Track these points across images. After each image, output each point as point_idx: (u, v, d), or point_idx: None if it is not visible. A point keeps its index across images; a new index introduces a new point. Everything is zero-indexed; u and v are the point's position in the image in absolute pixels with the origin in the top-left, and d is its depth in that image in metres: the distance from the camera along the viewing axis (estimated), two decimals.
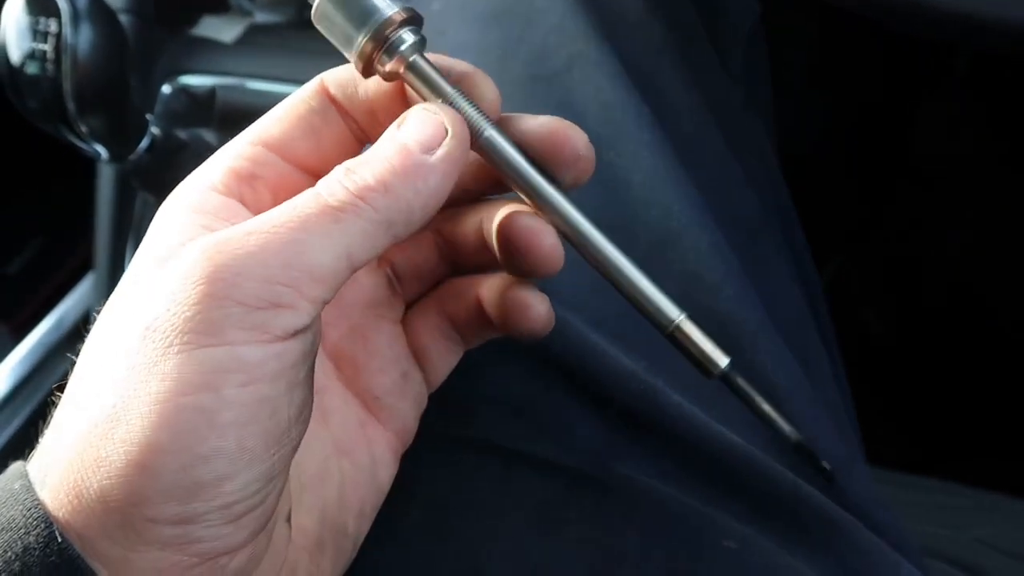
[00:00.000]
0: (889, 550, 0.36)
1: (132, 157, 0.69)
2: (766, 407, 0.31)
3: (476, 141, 0.30)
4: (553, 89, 0.43)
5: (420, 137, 0.28)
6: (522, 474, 0.34)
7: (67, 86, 0.61)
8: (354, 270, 0.26)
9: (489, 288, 0.33)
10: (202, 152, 0.74)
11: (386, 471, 0.33)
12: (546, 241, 0.30)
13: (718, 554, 0.33)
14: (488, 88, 0.30)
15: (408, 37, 0.29)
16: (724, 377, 0.30)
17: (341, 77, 0.30)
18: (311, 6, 0.29)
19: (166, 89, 0.78)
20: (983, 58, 0.95)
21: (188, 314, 0.24)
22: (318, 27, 0.29)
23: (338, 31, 0.29)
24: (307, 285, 0.25)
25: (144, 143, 0.69)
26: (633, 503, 0.34)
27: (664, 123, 0.43)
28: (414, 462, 0.35)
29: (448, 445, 0.35)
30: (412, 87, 0.30)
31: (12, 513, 0.24)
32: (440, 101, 0.29)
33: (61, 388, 0.28)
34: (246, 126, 0.31)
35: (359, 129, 0.31)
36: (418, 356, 0.34)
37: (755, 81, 0.61)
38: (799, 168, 0.70)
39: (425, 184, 0.27)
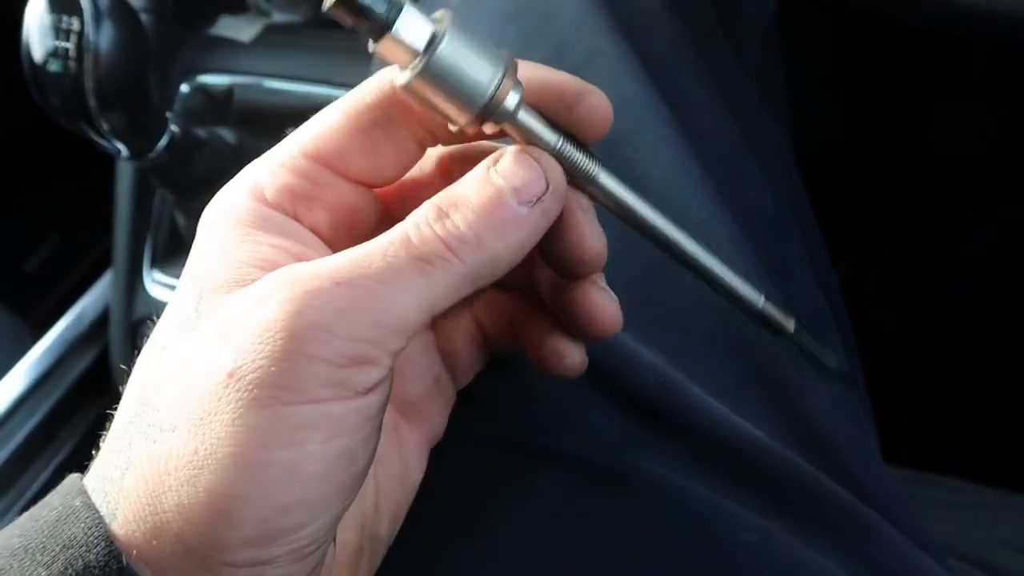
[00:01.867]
0: (910, 544, 0.36)
1: (151, 154, 0.69)
2: (829, 358, 0.37)
3: (588, 188, 0.29)
4: None
5: (518, 184, 0.26)
6: (543, 469, 0.34)
7: (88, 84, 0.61)
8: (435, 317, 0.26)
9: (527, 319, 0.32)
10: (220, 150, 0.75)
11: (417, 472, 0.33)
12: (610, 314, 0.31)
13: (738, 547, 0.33)
14: (600, 111, 0.28)
15: (514, 97, 0.26)
16: (793, 337, 0.35)
17: None
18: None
19: (185, 88, 0.79)
20: (1000, 57, 0.94)
21: (275, 369, 0.24)
22: (412, 92, 0.26)
23: (436, 105, 0.26)
24: (390, 340, 0.25)
25: (163, 141, 0.69)
26: (653, 496, 0.34)
27: (682, 119, 0.43)
28: (436, 457, 0.35)
29: (470, 440, 0.35)
30: (516, 138, 0.28)
31: (74, 531, 0.24)
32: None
33: (114, 405, 0.27)
34: (263, 124, 0.30)
35: (423, 131, 0.29)
36: (448, 359, 0.34)
37: (771, 78, 0.61)
38: (815, 167, 0.69)
39: (516, 238, 0.26)
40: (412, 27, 0.25)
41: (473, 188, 0.26)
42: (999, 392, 0.91)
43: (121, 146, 0.66)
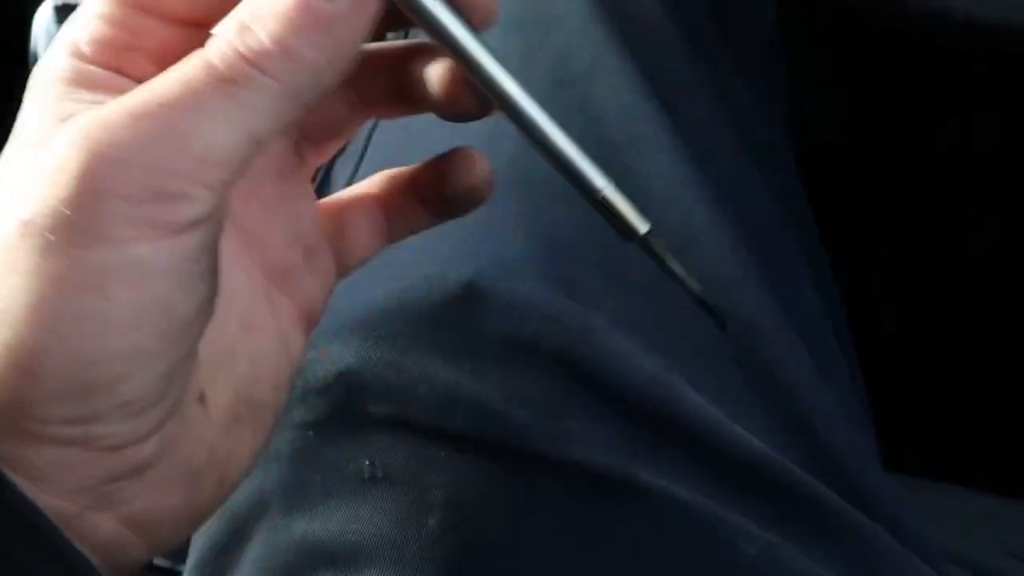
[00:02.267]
0: (909, 554, 0.36)
1: None
2: (679, 269, 0.31)
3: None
4: (574, 94, 0.43)
5: None
6: (542, 478, 0.35)
7: None
8: (261, 146, 0.24)
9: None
10: None
11: (296, 343, 0.31)
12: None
13: (738, 557, 0.33)
14: None
15: None
16: (643, 241, 0.30)
17: None
18: None
19: None
20: (1002, 61, 0.95)
21: (67, 211, 0.22)
22: None
23: None
24: (201, 171, 0.23)
25: None
26: (652, 507, 0.34)
27: (682, 127, 0.43)
28: (433, 462, 0.35)
29: (467, 446, 0.35)
30: None
31: None
32: None
33: None
34: None
35: None
36: (334, 232, 0.32)
37: (772, 85, 0.62)
38: (817, 170, 0.69)
39: (331, 41, 0.23)
40: None
41: None
42: (1001, 395, 0.91)
43: None
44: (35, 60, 0.62)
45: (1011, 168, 0.99)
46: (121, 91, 0.25)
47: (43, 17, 0.62)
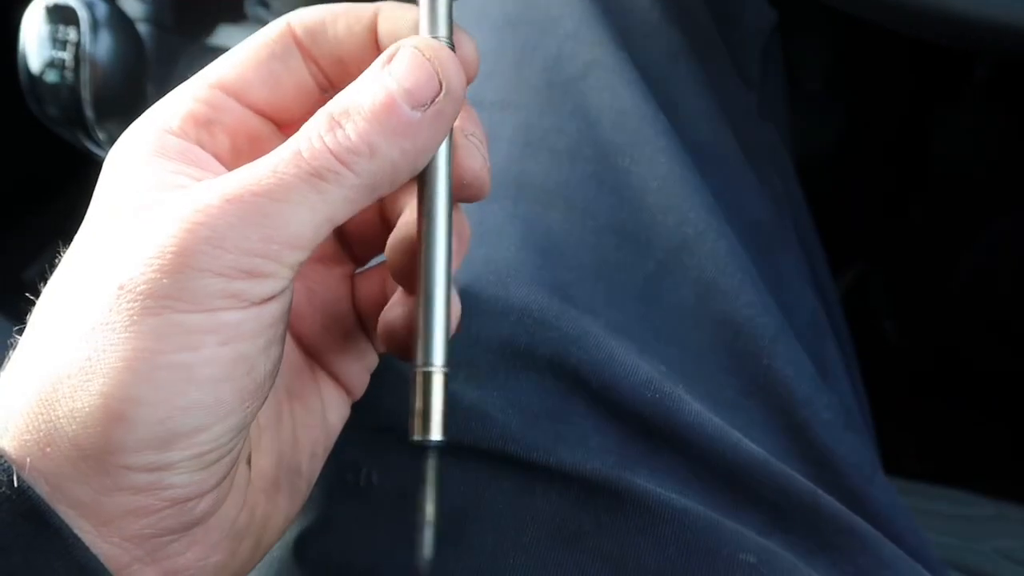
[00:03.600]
0: (909, 560, 0.35)
1: None
2: (429, 507, 0.29)
3: None
4: (569, 95, 0.43)
5: (409, 86, 0.25)
6: (538, 485, 0.34)
7: (86, 94, 0.61)
8: (333, 228, 0.26)
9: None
10: None
11: (336, 414, 0.33)
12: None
13: (736, 567, 0.32)
14: (469, 49, 0.29)
15: None
16: (420, 446, 0.28)
17: (309, 20, 0.29)
18: None
19: None
20: (1004, 63, 0.94)
21: (166, 281, 0.24)
22: None
23: None
24: (284, 254, 0.25)
25: None
26: (649, 514, 0.33)
27: (679, 129, 0.43)
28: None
29: (463, 455, 0.35)
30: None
31: None
32: (438, 35, 0.27)
33: (21, 331, 0.28)
34: None
35: (323, 76, 0.30)
36: (363, 320, 0.34)
37: (771, 88, 0.61)
38: (818, 175, 0.69)
39: (413, 145, 0.26)
40: None
41: (365, 92, 0.26)
42: (1005, 404, 0.91)
43: None
44: (23, 60, 0.62)
45: (1013, 169, 0.99)
46: (198, 163, 0.27)
47: (33, 17, 0.62)
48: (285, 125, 0.31)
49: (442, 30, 0.27)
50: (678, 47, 0.47)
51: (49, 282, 0.28)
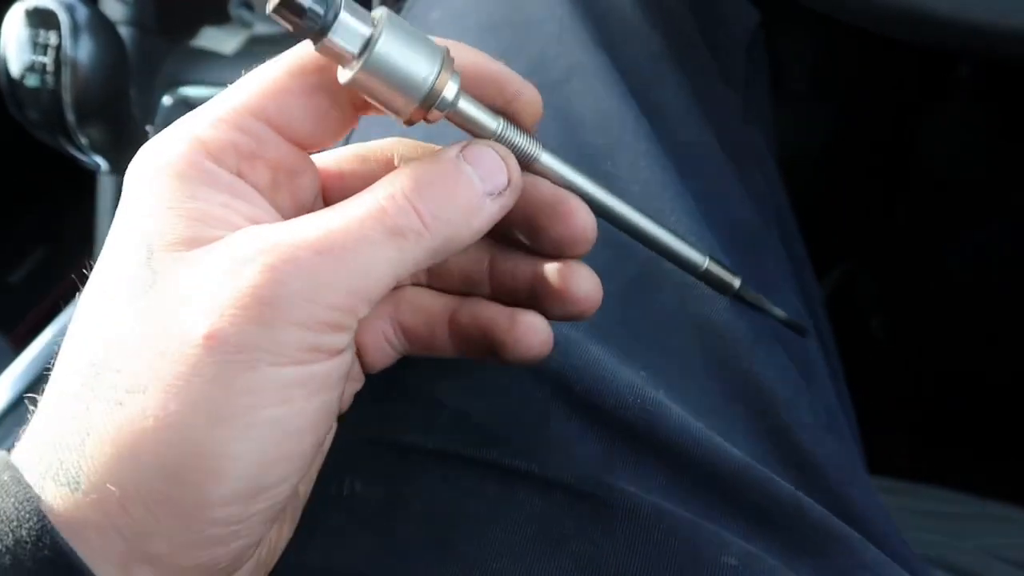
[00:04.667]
0: (892, 564, 0.35)
1: None
2: (776, 311, 0.40)
3: (532, 166, 0.31)
4: (552, 99, 0.42)
5: (484, 174, 0.28)
6: (521, 490, 0.34)
7: (67, 98, 0.61)
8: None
9: (471, 311, 0.32)
10: None
11: (328, 441, 0.33)
12: (596, 286, 0.32)
13: (718, 571, 0.32)
14: (533, 102, 0.30)
15: (453, 88, 0.28)
16: (738, 293, 0.37)
17: None
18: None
19: (167, 100, 0.79)
20: (985, 63, 0.95)
21: (258, 332, 0.24)
22: (356, 87, 0.27)
23: (379, 97, 0.27)
24: (361, 307, 0.26)
25: None
26: (632, 519, 0.33)
27: (662, 133, 0.43)
28: (411, 477, 0.35)
29: (446, 461, 0.35)
30: (460, 126, 0.30)
31: (3, 505, 0.24)
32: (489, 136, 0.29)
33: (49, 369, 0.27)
34: None
35: (368, 106, 0.30)
36: (357, 344, 0.34)
37: (755, 90, 0.61)
38: (803, 176, 0.69)
39: (478, 223, 0.28)
40: (351, 27, 0.26)
41: (443, 171, 0.28)
42: (991, 402, 0.91)
43: (101, 160, 0.66)
44: (4, 64, 0.61)
45: (998, 169, 1.00)
46: (244, 197, 0.27)
47: (13, 21, 0.61)
48: (314, 148, 0.31)
49: (497, 125, 0.30)
50: (661, 49, 0.47)
51: (86, 316, 0.26)
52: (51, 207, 1.03)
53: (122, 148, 0.67)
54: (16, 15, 0.61)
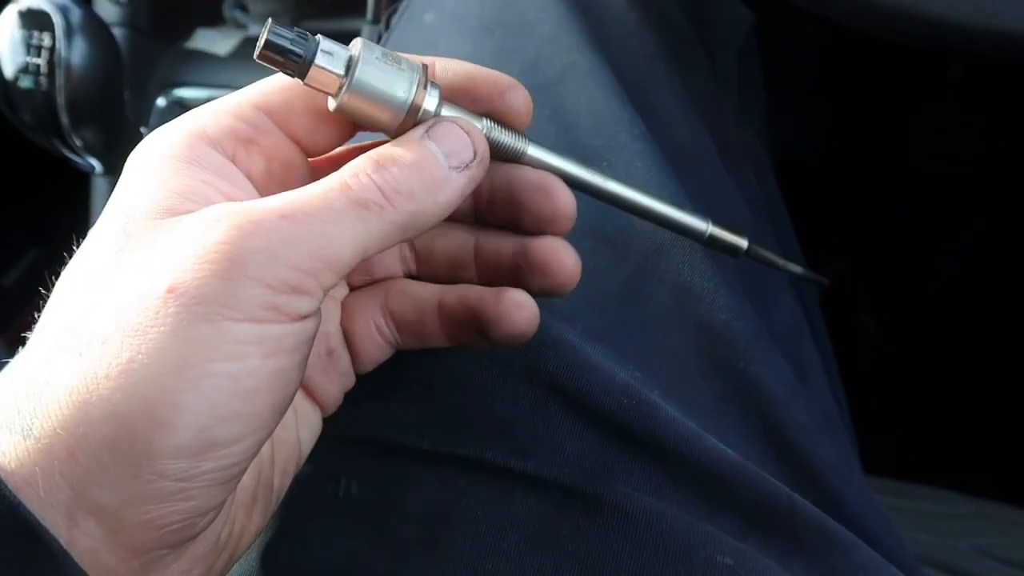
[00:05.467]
0: (885, 563, 0.35)
1: None
2: (780, 261, 0.40)
3: (523, 159, 0.33)
4: (546, 99, 0.43)
5: (448, 150, 0.29)
6: (516, 491, 0.34)
7: (61, 100, 0.61)
8: (365, 260, 0.28)
9: (459, 294, 0.33)
10: None
11: (309, 431, 0.34)
12: (574, 262, 0.33)
13: (713, 570, 0.32)
14: (522, 100, 0.32)
15: (433, 99, 0.30)
16: (748, 253, 0.38)
17: None
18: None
19: (161, 102, 0.79)
20: (977, 63, 0.95)
21: (219, 287, 0.25)
22: (342, 113, 0.30)
23: (366, 118, 0.30)
24: (323, 273, 0.26)
25: None
26: (627, 519, 0.33)
27: (657, 133, 0.43)
28: (407, 478, 0.35)
29: (440, 462, 0.35)
30: None
31: None
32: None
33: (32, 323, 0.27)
34: None
35: None
36: (347, 339, 0.35)
37: (748, 90, 0.61)
38: (797, 175, 0.70)
39: (445, 196, 0.29)
40: (331, 60, 0.29)
41: (408, 148, 0.29)
42: (985, 402, 0.92)
43: (94, 162, 0.65)
44: None
45: (990, 172, 1.00)
46: (229, 179, 0.28)
47: (6, 22, 0.61)
48: (314, 155, 0.32)
49: (481, 126, 0.32)
50: (655, 50, 0.47)
51: (64, 282, 0.27)
52: (45, 209, 1.03)
53: (116, 150, 0.67)
54: (10, 17, 0.61)
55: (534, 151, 0.33)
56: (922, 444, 0.93)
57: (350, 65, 0.29)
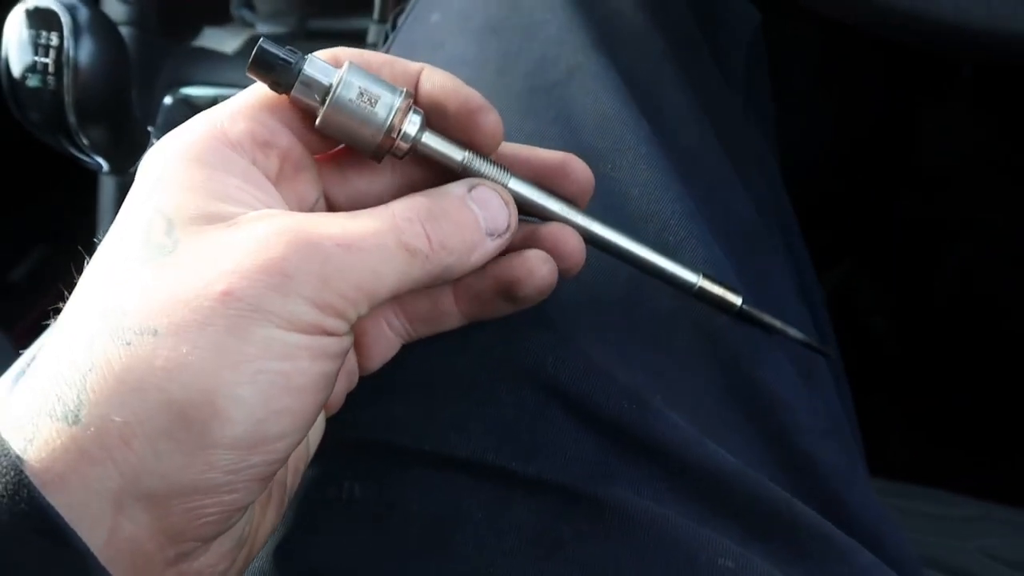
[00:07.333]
0: (887, 568, 0.35)
1: (133, 169, 0.69)
2: (778, 323, 0.39)
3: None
4: (552, 101, 0.43)
5: (488, 216, 0.31)
6: (517, 494, 0.34)
7: (68, 99, 0.61)
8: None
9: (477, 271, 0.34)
10: None
11: (315, 433, 0.34)
12: (578, 243, 0.34)
13: (714, 573, 0.32)
14: (492, 127, 0.32)
15: (414, 126, 0.31)
16: (740, 312, 0.37)
17: (360, 61, 0.32)
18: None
19: (168, 100, 0.79)
20: (988, 64, 0.95)
21: (273, 298, 0.26)
22: (325, 132, 0.31)
23: (346, 135, 0.31)
24: (362, 304, 0.28)
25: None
26: (628, 523, 0.33)
27: (663, 134, 0.43)
28: (409, 481, 0.35)
29: (442, 464, 0.35)
30: (427, 158, 0.32)
31: None
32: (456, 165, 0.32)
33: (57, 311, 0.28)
34: None
35: None
36: (356, 339, 0.35)
37: (756, 90, 0.61)
38: (805, 176, 0.69)
39: (475, 259, 0.31)
40: (316, 76, 0.30)
41: (454, 206, 0.31)
42: (992, 402, 0.91)
43: (102, 161, 0.66)
44: (5, 65, 0.62)
45: (999, 173, 1.00)
46: (258, 185, 0.30)
47: (14, 21, 0.61)
48: (317, 152, 0.33)
49: (463, 157, 0.33)
50: (661, 50, 0.47)
51: (94, 274, 0.28)
52: (52, 207, 1.03)
53: (123, 149, 0.67)
54: (17, 16, 0.61)
55: (515, 185, 0.34)
56: (928, 443, 0.93)
57: (331, 86, 0.30)
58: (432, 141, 0.32)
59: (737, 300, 0.37)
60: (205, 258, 0.27)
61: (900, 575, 0.36)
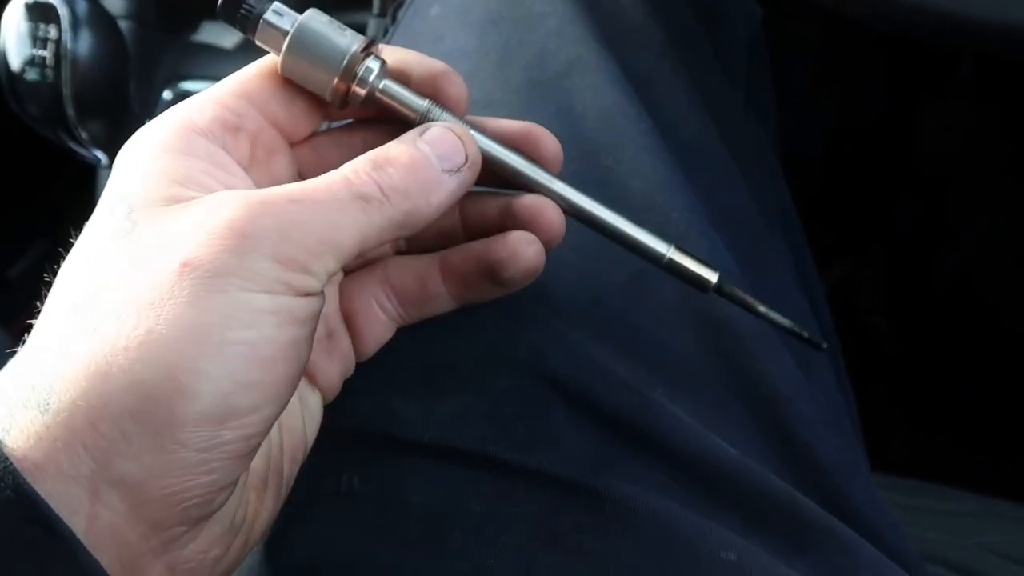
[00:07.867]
0: (889, 562, 0.35)
1: None
2: (761, 308, 0.35)
3: None
4: (552, 94, 0.42)
5: (442, 154, 0.31)
6: (517, 486, 0.34)
7: (67, 92, 0.61)
8: (362, 252, 0.29)
9: (462, 250, 0.35)
10: None
11: (312, 418, 0.34)
12: (553, 212, 0.33)
13: (717, 566, 0.32)
14: (457, 89, 0.33)
15: (373, 67, 0.32)
16: (718, 289, 0.34)
17: None
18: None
19: (167, 95, 0.78)
20: (988, 61, 0.95)
21: (231, 260, 0.26)
22: (288, 77, 0.32)
23: (307, 77, 0.32)
24: (326, 256, 0.28)
25: None
26: (629, 515, 0.33)
27: (663, 128, 0.42)
28: (408, 473, 0.35)
29: (443, 456, 0.35)
30: (389, 109, 0.33)
31: None
32: (418, 115, 0.33)
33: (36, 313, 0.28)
34: None
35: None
36: (347, 321, 0.35)
37: (757, 86, 0.61)
38: (805, 173, 0.69)
39: (437, 198, 0.30)
40: (276, 21, 0.31)
41: (403, 151, 0.30)
42: (992, 399, 0.91)
43: (100, 155, 0.65)
44: (3, 58, 0.61)
45: (999, 170, 1.00)
46: (223, 167, 0.30)
47: (13, 15, 0.61)
48: (293, 141, 0.33)
49: (423, 105, 0.33)
50: (663, 45, 0.46)
51: (67, 268, 0.28)
52: (51, 201, 1.03)
53: (122, 143, 0.67)
54: (16, 9, 0.61)
55: (477, 139, 0.33)
56: (929, 442, 0.93)
57: (295, 22, 0.31)
58: (393, 87, 0.32)
59: (713, 276, 0.34)
60: (162, 233, 0.27)
61: (901, 568, 0.36)
